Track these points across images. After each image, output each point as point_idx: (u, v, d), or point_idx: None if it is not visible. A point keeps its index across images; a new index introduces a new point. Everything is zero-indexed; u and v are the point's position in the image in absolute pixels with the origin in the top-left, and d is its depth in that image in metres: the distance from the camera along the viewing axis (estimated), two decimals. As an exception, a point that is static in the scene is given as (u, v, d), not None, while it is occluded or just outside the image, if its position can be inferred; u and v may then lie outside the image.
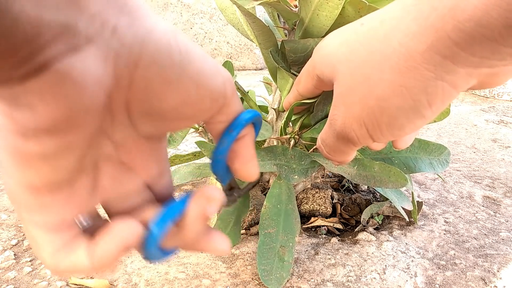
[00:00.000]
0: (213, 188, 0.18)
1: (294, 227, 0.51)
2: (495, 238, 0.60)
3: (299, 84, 0.30)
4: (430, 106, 0.20)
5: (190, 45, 0.16)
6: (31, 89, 0.13)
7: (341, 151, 0.26)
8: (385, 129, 0.22)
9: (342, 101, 0.23)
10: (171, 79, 0.15)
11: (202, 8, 2.32)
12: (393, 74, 0.20)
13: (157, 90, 0.15)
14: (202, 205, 0.18)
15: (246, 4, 0.39)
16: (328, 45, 0.25)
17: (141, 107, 0.16)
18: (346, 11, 0.35)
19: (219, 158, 0.19)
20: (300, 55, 0.37)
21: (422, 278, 0.50)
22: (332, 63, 0.24)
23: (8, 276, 0.49)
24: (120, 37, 0.14)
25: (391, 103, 0.21)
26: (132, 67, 0.14)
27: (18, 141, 0.14)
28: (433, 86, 0.19)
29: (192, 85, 0.16)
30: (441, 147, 0.58)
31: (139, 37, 0.14)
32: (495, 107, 1.49)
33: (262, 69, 2.37)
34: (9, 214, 0.64)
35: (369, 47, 0.21)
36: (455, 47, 0.18)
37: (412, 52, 0.19)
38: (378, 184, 0.47)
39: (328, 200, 0.63)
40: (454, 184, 0.80)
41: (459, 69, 0.19)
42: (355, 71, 0.22)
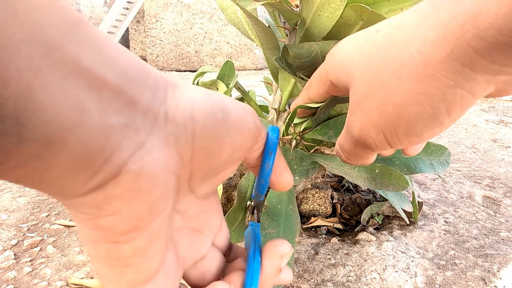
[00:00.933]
0: (283, 243, 0.19)
1: (294, 227, 0.51)
2: (495, 238, 0.60)
3: (310, 89, 0.30)
4: (449, 113, 0.20)
5: (221, 97, 0.17)
6: (112, 194, 0.13)
7: (359, 156, 0.26)
8: (403, 136, 0.22)
9: (359, 108, 0.23)
10: (222, 137, 0.16)
11: (202, 8, 2.32)
12: (411, 81, 0.20)
13: (213, 152, 0.16)
14: (276, 263, 0.19)
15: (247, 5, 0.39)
16: (342, 50, 0.25)
17: (201, 173, 0.16)
18: (347, 14, 0.34)
19: (266, 180, 0.21)
20: (305, 60, 0.36)
21: (422, 278, 0.50)
22: (347, 69, 0.24)
23: (8, 276, 0.49)
24: (173, 120, 0.14)
25: (409, 111, 0.21)
26: (191, 142, 0.15)
27: (111, 248, 0.14)
28: (452, 94, 0.19)
29: (237, 133, 0.17)
30: (441, 148, 0.58)
31: (187, 113, 0.15)
32: (495, 107, 1.49)
33: (262, 69, 2.37)
34: (9, 214, 0.64)
35: (386, 54, 0.21)
36: (475, 55, 0.18)
37: (431, 59, 0.19)
38: (379, 186, 0.47)
39: (328, 200, 0.63)
40: (454, 184, 0.80)
41: (478, 77, 0.18)
42: (371, 78, 0.22)
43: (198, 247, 0.19)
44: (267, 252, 0.19)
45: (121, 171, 0.13)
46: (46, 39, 0.11)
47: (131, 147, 0.13)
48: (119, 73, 0.13)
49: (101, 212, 0.13)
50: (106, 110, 0.12)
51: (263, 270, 0.18)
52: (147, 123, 0.14)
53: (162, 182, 0.14)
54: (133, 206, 0.14)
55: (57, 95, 0.11)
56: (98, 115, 0.12)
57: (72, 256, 0.53)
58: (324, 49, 0.35)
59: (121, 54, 0.13)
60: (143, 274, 0.15)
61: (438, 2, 0.19)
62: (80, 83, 0.12)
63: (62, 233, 0.59)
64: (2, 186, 0.75)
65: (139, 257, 0.15)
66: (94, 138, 0.12)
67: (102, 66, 0.12)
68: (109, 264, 0.15)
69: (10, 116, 0.10)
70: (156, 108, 0.14)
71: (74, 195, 0.13)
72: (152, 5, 2.30)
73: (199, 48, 2.34)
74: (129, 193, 0.13)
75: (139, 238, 0.14)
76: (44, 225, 0.61)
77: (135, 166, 0.13)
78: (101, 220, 0.14)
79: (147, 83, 0.14)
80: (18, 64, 0.10)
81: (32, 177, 0.12)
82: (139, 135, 0.13)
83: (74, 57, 0.11)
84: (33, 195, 0.71)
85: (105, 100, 0.12)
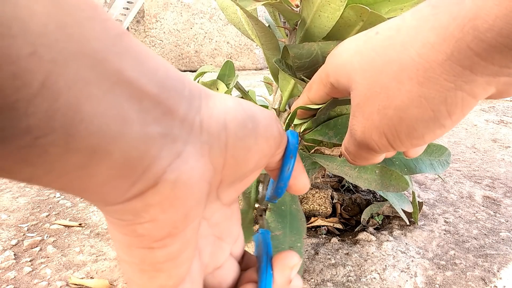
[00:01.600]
0: (291, 255, 0.20)
1: (300, 227, 0.50)
2: (495, 238, 0.60)
3: (310, 91, 0.30)
4: (450, 116, 0.20)
5: (250, 105, 0.17)
6: (151, 202, 0.13)
7: (364, 157, 0.26)
8: (405, 139, 0.22)
9: (360, 111, 0.23)
10: (250, 145, 0.16)
11: (202, 8, 2.32)
12: (412, 84, 0.20)
13: (243, 160, 0.16)
14: (286, 275, 0.19)
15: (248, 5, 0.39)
16: (342, 53, 0.25)
17: (229, 180, 0.17)
18: (347, 14, 0.34)
19: (286, 183, 0.21)
20: (305, 61, 0.36)
21: (422, 278, 0.50)
22: (347, 72, 0.24)
23: (8, 276, 0.49)
24: (208, 130, 0.15)
25: (410, 114, 0.21)
26: (224, 151, 0.15)
27: (145, 254, 0.15)
28: (452, 97, 0.19)
29: (263, 141, 0.17)
30: (441, 148, 0.58)
31: (221, 123, 0.15)
32: (495, 107, 1.49)
33: (262, 69, 2.37)
34: (9, 214, 0.64)
35: (386, 57, 0.21)
36: (475, 57, 0.18)
37: (431, 62, 0.19)
38: (379, 187, 0.47)
39: (328, 200, 0.63)
40: (454, 184, 0.80)
41: (479, 78, 0.18)
42: (371, 81, 0.22)
43: (219, 255, 0.20)
44: (277, 265, 0.20)
45: (160, 180, 0.13)
46: (92, 52, 0.11)
47: (170, 156, 0.13)
48: (158, 83, 0.13)
49: (139, 219, 0.14)
50: (146, 120, 0.13)
51: (275, 283, 0.19)
52: (183, 132, 0.14)
53: (197, 191, 0.14)
54: (170, 214, 0.14)
55: (102, 106, 0.11)
56: (139, 125, 0.12)
57: (72, 256, 0.53)
58: (324, 49, 0.35)
59: (160, 65, 0.14)
60: (173, 279, 0.16)
61: (437, 4, 0.19)
62: (123, 94, 0.12)
63: (62, 233, 0.59)
64: (2, 186, 0.75)
65: (171, 262, 0.15)
66: (135, 148, 0.12)
67: (143, 76, 0.13)
68: (141, 269, 0.15)
69: (59, 127, 0.10)
70: (191, 118, 0.14)
71: (114, 202, 0.13)
72: (152, 5, 2.30)
73: (199, 48, 2.34)
74: (167, 201, 0.14)
75: (172, 244, 0.15)
76: (44, 225, 0.61)
77: (173, 175, 0.13)
78: (138, 227, 0.14)
79: (183, 93, 0.14)
80: (68, 77, 0.10)
81: (76, 186, 0.12)
82: (176, 144, 0.14)
83: (117, 69, 0.12)
84: (33, 195, 0.71)
85: (145, 110, 0.13)
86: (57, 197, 0.71)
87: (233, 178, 0.17)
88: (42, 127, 0.10)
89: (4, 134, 0.10)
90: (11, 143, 0.10)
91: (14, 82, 0.09)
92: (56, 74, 0.10)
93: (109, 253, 0.54)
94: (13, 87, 0.09)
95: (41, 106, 0.10)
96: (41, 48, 0.10)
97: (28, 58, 0.10)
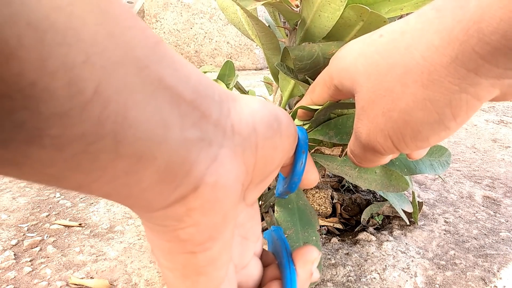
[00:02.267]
0: (311, 249, 0.21)
1: (312, 220, 0.50)
2: (495, 238, 0.60)
3: (314, 93, 0.30)
4: (455, 118, 0.20)
5: (272, 106, 0.18)
6: (193, 206, 0.14)
7: (370, 160, 0.26)
8: (410, 141, 0.22)
9: (365, 114, 0.23)
10: (276, 145, 0.17)
11: (202, 8, 2.32)
12: (416, 87, 0.20)
13: (270, 159, 0.17)
14: (308, 269, 0.20)
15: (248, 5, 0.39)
16: (346, 56, 0.25)
17: (257, 180, 0.17)
18: (347, 14, 0.34)
19: (299, 178, 0.22)
20: (306, 63, 0.36)
21: (422, 278, 0.50)
22: (351, 75, 0.24)
23: (8, 276, 0.49)
24: (239, 133, 0.15)
25: (415, 117, 0.21)
26: (255, 153, 0.16)
27: (187, 259, 0.15)
28: (457, 99, 0.19)
29: (285, 139, 0.18)
30: (441, 149, 0.58)
31: (250, 125, 0.16)
32: (495, 107, 1.49)
33: (262, 69, 2.37)
34: (9, 214, 0.64)
35: (390, 60, 0.21)
36: (480, 60, 0.18)
37: (435, 65, 0.19)
38: (379, 187, 0.47)
39: (328, 200, 0.63)
40: (454, 184, 0.80)
41: (483, 81, 0.19)
42: (376, 84, 0.22)
43: (246, 255, 0.20)
44: (299, 260, 0.20)
45: (200, 183, 0.13)
46: (136, 59, 0.12)
47: (207, 160, 0.14)
48: (193, 89, 0.14)
49: (181, 224, 0.14)
50: (185, 125, 0.13)
51: (298, 278, 0.20)
52: (218, 136, 0.14)
53: (234, 192, 0.15)
54: (211, 217, 0.14)
55: (147, 112, 0.12)
56: (179, 129, 0.13)
57: (72, 256, 0.53)
58: (325, 50, 0.35)
59: (192, 72, 0.14)
60: (214, 282, 0.16)
61: (442, 7, 0.19)
62: (164, 100, 0.12)
63: (62, 233, 0.59)
64: (2, 186, 0.75)
65: (212, 266, 0.15)
66: (176, 152, 0.13)
67: (180, 83, 0.13)
68: (184, 274, 0.15)
69: (109, 133, 0.11)
70: (224, 121, 0.15)
71: (157, 208, 0.14)
72: (152, 5, 2.30)
73: (199, 48, 2.34)
74: (207, 204, 0.14)
75: (213, 247, 0.15)
76: (44, 225, 0.61)
77: (212, 178, 0.14)
78: (181, 232, 0.14)
79: (214, 98, 0.15)
80: (117, 84, 0.11)
81: (122, 192, 0.13)
82: (212, 147, 0.14)
83: (158, 75, 0.12)
84: (33, 195, 0.71)
85: (184, 115, 0.13)
86: (57, 197, 0.71)
87: (261, 177, 0.17)
88: (94, 133, 0.11)
89: (59, 142, 0.10)
90: (65, 150, 0.10)
91: (69, 90, 0.10)
92: (106, 81, 0.10)
93: (109, 253, 0.54)
94: (68, 94, 0.10)
95: (93, 113, 0.10)
96: (93, 56, 0.10)
97: (82, 66, 0.10)
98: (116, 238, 0.58)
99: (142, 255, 0.53)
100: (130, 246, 0.56)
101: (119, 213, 0.65)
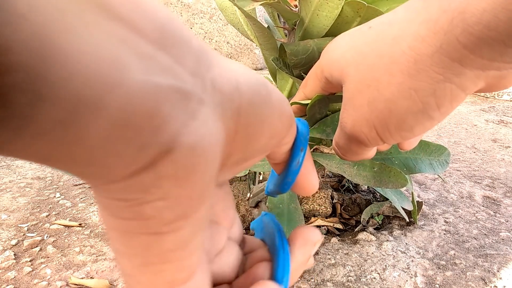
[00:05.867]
0: (313, 230, 0.18)
1: (298, 225, 0.51)
2: (495, 238, 0.60)
3: (306, 87, 0.31)
4: (439, 108, 0.20)
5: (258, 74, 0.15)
6: (164, 173, 0.11)
7: (355, 152, 0.26)
8: (394, 131, 0.22)
9: (351, 104, 0.23)
10: (264, 117, 0.14)
11: (202, 8, 2.32)
12: (402, 77, 0.20)
13: (254, 133, 0.14)
14: (308, 251, 0.17)
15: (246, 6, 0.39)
16: (336, 48, 0.25)
17: (235, 158, 0.14)
18: (344, 11, 0.35)
19: (293, 178, 0.19)
20: (302, 57, 0.37)
21: (422, 278, 0.50)
22: (341, 66, 0.24)
23: (8, 276, 0.49)
24: (220, 90, 0.12)
25: (400, 106, 0.21)
26: (236, 118, 0.13)
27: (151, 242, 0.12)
28: (441, 89, 0.20)
29: (276, 115, 0.15)
30: (441, 148, 0.58)
31: (233, 84, 0.13)
32: (495, 107, 1.49)
33: (262, 69, 2.37)
34: (9, 214, 0.64)
35: (378, 51, 0.22)
36: (463, 50, 0.18)
37: (421, 55, 0.19)
38: (378, 184, 0.47)
39: (328, 200, 0.63)
40: (454, 184, 0.80)
41: (467, 71, 0.19)
42: (364, 75, 0.22)
43: (218, 240, 0.17)
44: (298, 239, 0.18)
45: (174, 145, 0.11)
46: None
47: (184, 115, 0.11)
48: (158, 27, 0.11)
49: (148, 196, 0.11)
50: (150, 68, 0.10)
51: (294, 259, 0.17)
52: (197, 88, 0.11)
53: (214, 160, 0.12)
54: (185, 189, 0.11)
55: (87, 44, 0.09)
56: (142, 73, 0.10)
57: (72, 256, 0.53)
58: (320, 45, 0.35)
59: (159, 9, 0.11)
60: (184, 271, 0.13)
61: None
62: (114, 34, 0.10)
63: (62, 233, 0.59)
64: (2, 186, 0.75)
65: (182, 251, 0.13)
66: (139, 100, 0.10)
67: (140, 17, 0.10)
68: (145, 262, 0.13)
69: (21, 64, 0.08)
70: (202, 74, 0.12)
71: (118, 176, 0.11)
72: (152, 5, 2.31)
73: (199, 48, 2.35)
74: (182, 172, 0.11)
75: (185, 227, 0.12)
76: (44, 225, 0.61)
77: (191, 139, 0.11)
78: (146, 207, 0.11)
79: (190, 45, 0.12)
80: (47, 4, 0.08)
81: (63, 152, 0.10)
82: (191, 102, 0.11)
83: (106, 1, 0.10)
84: (33, 195, 0.71)
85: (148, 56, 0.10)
86: (57, 197, 0.71)
87: (240, 155, 0.14)
88: None
89: None
90: None
91: None
92: None
93: (109, 253, 0.54)
94: None
95: None
96: None
97: None
98: (116, 238, 0.58)
99: (141, 255, 0.54)
100: (129, 246, 0.56)
101: (119, 213, 0.65)
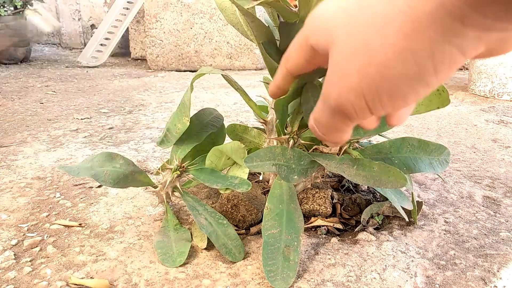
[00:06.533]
0: None
1: (297, 226, 0.50)
2: (495, 238, 0.60)
3: (288, 61, 0.28)
4: (436, 73, 0.19)
5: None
6: None
7: (336, 128, 0.24)
8: (386, 99, 0.21)
9: (337, 71, 0.22)
10: None
11: (202, 8, 2.32)
12: (397, 37, 0.19)
13: None
14: None
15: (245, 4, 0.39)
16: (323, 12, 0.23)
17: None
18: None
19: None
20: None
21: (422, 278, 0.50)
22: (329, 31, 0.22)
23: (8, 276, 0.49)
24: None
25: (393, 70, 0.19)
26: None
27: None
28: (440, 51, 0.18)
29: None
30: (441, 147, 0.58)
31: None
32: (495, 107, 1.49)
33: (262, 69, 2.37)
34: (9, 214, 0.64)
35: (371, 11, 0.20)
36: (467, 7, 0.17)
37: (419, 13, 0.18)
38: (377, 184, 0.47)
39: (328, 200, 0.63)
40: (454, 184, 0.80)
41: (469, 32, 0.18)
42: (354, 38, 0.21)
43: None
44: None
45: None
46: None
47: None
48: None
49: None
50: None
51: None
52: None
53: None
54: None
55: None
56: None
57: (72, 256, 0.53)
58: None
59: None
60: None
61: None
62: None
63: (62, 233, 0.59)
64: (2, 186, 0.75)
65: None
66: None
67: None
68: None
69: None
70: None
71: None
72: (152, 5, 2.30)
73: (199, 48, 2.34)
74: None
75: None
76: (44, 225, 0.61)
77: None
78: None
79: None
80: None
81: None
82: None
83: None
84: (33, 195, 0.72)
85: None
86: (57, 197, 0.71)
87: None
88: None
89: None
90: None
91: None
92: None
93: (109, 253, 0.54)
94: None
95: None
96: None
97: None
98: (116, 238, 0.58)
99: (142, 255, 0.53)
100: (130, 246, 0.56)
101: (119, 213, 0.65)
